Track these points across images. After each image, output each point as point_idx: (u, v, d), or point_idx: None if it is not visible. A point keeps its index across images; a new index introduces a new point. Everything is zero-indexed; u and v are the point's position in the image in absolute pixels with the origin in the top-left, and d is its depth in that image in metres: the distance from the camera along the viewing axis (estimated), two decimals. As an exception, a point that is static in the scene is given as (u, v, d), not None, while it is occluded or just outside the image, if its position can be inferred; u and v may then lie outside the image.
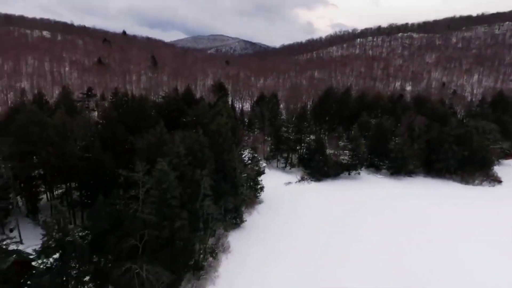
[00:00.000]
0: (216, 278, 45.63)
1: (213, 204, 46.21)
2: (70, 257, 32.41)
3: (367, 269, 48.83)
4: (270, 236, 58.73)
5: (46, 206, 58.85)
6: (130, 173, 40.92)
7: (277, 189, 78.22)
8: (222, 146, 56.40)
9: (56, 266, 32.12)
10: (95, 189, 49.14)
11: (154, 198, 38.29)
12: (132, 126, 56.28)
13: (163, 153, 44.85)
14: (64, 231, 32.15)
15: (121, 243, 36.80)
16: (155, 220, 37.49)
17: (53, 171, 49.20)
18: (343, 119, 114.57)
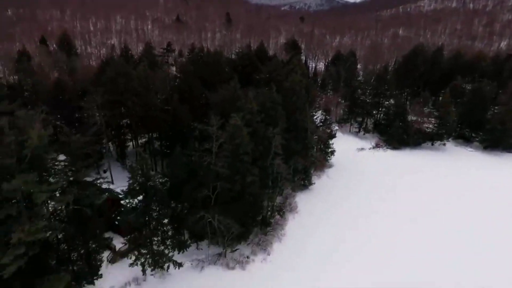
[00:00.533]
0: (283, 236, 46.10)
1: (283, 164, 45.39)
2: (152, 200, 35.04)
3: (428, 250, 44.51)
4: (338, 200, 56.77)
5: (132, 153, 64.99)
6: (205, 127, 41.77)
7: (348, 154, 74.34)
8: (295, 104, 54.15)
9: (140, 206, 35.15)
10: (173, 140, 51.94)
11: (227, 152, 38.72)
12: (207, 80, 57.01)
13: (236, 108, 44.61)
14: (146, 176, 34.54)
15: (195, 192, 38.63)
16: (228, 173, 38.15)
17: (137, 120, 53.04)
18: (431, 83, 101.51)
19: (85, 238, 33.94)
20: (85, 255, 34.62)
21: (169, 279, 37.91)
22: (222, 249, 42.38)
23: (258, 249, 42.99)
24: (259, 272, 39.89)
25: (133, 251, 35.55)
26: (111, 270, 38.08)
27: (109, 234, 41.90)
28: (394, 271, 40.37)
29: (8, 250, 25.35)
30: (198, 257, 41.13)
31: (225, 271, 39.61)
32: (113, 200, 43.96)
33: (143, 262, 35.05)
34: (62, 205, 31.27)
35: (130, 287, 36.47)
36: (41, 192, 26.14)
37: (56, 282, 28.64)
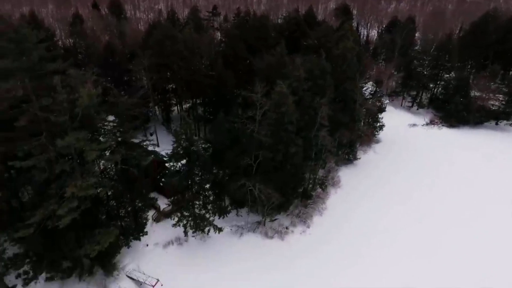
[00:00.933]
0: (323, 210, 44.91)
1: (328, 136, 43.15)
2: (194, 165, 35.23)
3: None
4: (384, 178, 53.70)
5: (177, 117, 66.09)
6: (249, 94, 40.43)
7: (398, 130, 69.36)
8: (345, 73, 50.50)
9: (183, 170, 35.56)
10: (216, 106, 51.50)
11: (271, 121, 37.32)
12: (253, 46, 54.87)
13: (282, 75, 42.44)
14: (190, 141, 34.52)
15: (237, 159, 38.18)
16: (271, 142, 36.99)
17: (182, 85, 53.05)
18: (502, 55, 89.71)
19: (132, 196, 35.40)
20: (132, 212, 36.31)
21: (209, 241, 38.87)
22: (261, 218, 42.35)
23: (297, 221, 42.36)
24: (297, 244, 39.49)
25: (176, 213, 36.59)
26: (155, 228, 39.82)
27: (154, 194, 43.51)
28: (442, 257, 37.87)
29: (63, 203, 26.90)
30: (238, 223, 41.54)
31: (263, 240, 39.70)
32: (158, 162, 45.22)
33: (185, 224, 36.01)
34: (111, 164, 32.42)
35: (172, 246, 37.98)
36: (92, 150, 26.98)
37: (106, 235, 30.33)
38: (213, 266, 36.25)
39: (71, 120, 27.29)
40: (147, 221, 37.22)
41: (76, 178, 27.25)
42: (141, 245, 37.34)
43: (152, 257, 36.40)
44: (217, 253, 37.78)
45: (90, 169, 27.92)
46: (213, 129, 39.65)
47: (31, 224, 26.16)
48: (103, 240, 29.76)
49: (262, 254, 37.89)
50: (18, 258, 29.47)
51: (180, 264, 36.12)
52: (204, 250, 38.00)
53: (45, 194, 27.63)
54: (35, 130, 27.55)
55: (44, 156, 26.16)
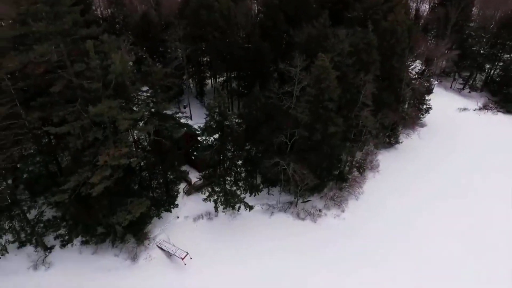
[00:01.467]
0: (360, 194, 42.44)
1: (370, 116, 39.89)
2: (227, 140, 33.93)
3: None
4: (428, 165, 49.76)
5: (210, 91, 65.01)
6: (287, 67, 37.92)
7: (447, 114, 63.71)
8: (393, 48, 46.07)
9: (215, 145, 34.44)
10: (252, 80, 49.41)
11: (309, 97, 34.80)
12: (292, 16, 51.34)
13: (324, 48, 39.24)
14: (223, 115, 33.08)
15: (271, 136, 36.39)
16: (308, 120, 34.70)
17: (217, 57, 51.20)
18: None
19: (164, 168, 35.05)
20: (164, 184, 36.12)
21: (239, 218, 38.15)
22: (293, 198, 40.84)
23: (331, 204, 40.39)
24: (330, 228, 37.75)
25: (207, 187, 35.93)
26: (186, 201, 39.66)
27: (186, 167, 43.15)
28: (493, 262, 34.56)
29: (96, 171, 26.80)
30: (269, 202, 40.36)
31: (295, 220, 38.33)
32: (191, 135, 44.60)
33: (215, 199, 35.32)
34: (144, 134, 31.90)
35: (202, 220, 37.70)
36: (124, 119, 26.34)
37: (138, 205, 30.28)
38: (242, 243, 35.64)
39: (105, 88, 26.66)
40: (178, 193, 37.00)
41: (109, 147, 26.92)
42: (172, 217, 37.38)
43: (182, 229, 36.38)
44: (246, 230, 37.04)
45: (123, 139, 27.47)
46: (247, 103, 37.89)
47: (65, 190, 26.42)
48: (135, 210, 29.72)
49: (292, 235, 36.63)
50: (55, 221, 30.36)
51: (209, 239, 35.85)
52: (233, 227, 37.40)
53: (80, 161, 27.70)
54: (70, 97, 27.33)
55: (78, 123, 25.91)
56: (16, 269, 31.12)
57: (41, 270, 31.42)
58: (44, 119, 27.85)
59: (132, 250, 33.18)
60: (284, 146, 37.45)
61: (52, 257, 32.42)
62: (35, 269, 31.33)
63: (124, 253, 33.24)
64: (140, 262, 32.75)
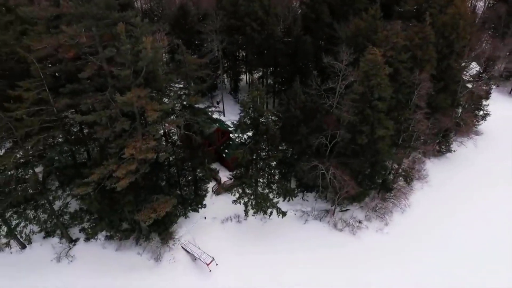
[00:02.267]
0: (406, 207, 37.94)
1: (424, 120, 35.36)
2: (261, 138, 31.06)
3: None
4: (483, 177, 44.02)
5: (245, 88, 62.67)
6: (332, 61, 34.44)
7: (506, 122, 56.68)
8: (453, 45, 40.92)
9: (249, 143, 31.71)
10: (290, 76, 46.28)
11: (356, 95, 31.08)
12: (337, 10, 47.45)
13: (373, 42, 35.27)
14: (259, 111, 30.27)
15: (310, 137, 33.09)
16: (353, 121, 31.03)
17: (254, 50, 48.47)
18: None
19: (194, 165, 32.87)
20: (193, 182, 34.03)
21: (270, 224, 35.27)
22: (330, 206, 37.31)
23: (373, 216, 36.36)
24: (371, 243, 33.80)
25: (238, 188, 33.32)
26: (214, 201, 37.42)
27: (216, 165, 41.04)
28: None
29: (121, 165, 25.03)
30: (303, 208, 37.12)
31: (331, 231, 34.78)
32: (223, 131, 42.34)
33: (246, 202, 32.68)
34: (174, 128, 29.88)
35: (231, 222, 35.26)
36: (154, 110, 24.29)
37: (164, 203, 28.31)
38: (272, 251, 32.76)
39: (135, 76, 24.81)
40: (206, 193, 34.77)
41: (137, 139, 25.03)
42: (199, 217, 35.27)
43: (209, 231, 34.15)
44: (277, 237, 34.10)
45: (151, 131, 25.49)
46: (285, 100, 34.76)
47: (89, 182, 24.88)
48: (160, 208, 27.75)
49: (328, 247, 33.17)
50: (80, 214, 29.18)
51: (237, 244, 33.30)
52: (263, 232, 34.60)
53: (106, 153, 26.12)
54: (100, 85, 25.79)
55: (106, 112, 24.22)
56: (40, 259, 30.37)
57: (64, 263, 30.44)
58: (73, 107, 26.50)
59: (156, 249, 31.38)
60: (323, 148, 34.02)
61: (75, 250, 31.38)
62: (58, 261, 30.41)
63: (148, 253, 31.53)
64: (163, 263, 30.87)
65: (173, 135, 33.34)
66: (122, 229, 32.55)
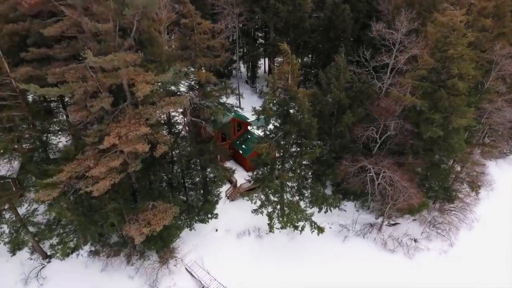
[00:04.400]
0: (474, 222, 29.50)
1: (506, 109, 26.89)
2: (293, 129, 23.20)
3: None
4: None
5: (263, 77, 55.15)
6: (384, 30, 26.42)
7: None
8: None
9: (275, 136, 23.97)
10: (323, 58, 38.14)
11: (421, 71, 22.95)
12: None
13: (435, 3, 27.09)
14: (290, 93, 22.50)
15: (358, 128, 25.12)
16: (417, 106, 22.93)
17: (278, 26, 40.43)
18: None
19: (203, 162, 25.30)
20: (201, 185, 26.43)
21: (299, 240, 27.45)
22: (375, 219, 29.29)
23: (432, 233, 28.09)
24: (435, 270, 25.53)
25: (259, 194, 25.61)
26: (228, 209, 29.90)
27: (231, 164, 33.62)
28: None
29: (101, 160, 17.72)
30: (341, 221, 29.15)
31: (380, 252, 26.72)
32: (239, 122, 34.79)
33: (270, 212, 24.97)
34: (176, 111, 22.36)
35: (249, 237, 27.67)
36: (145, 82, 16.88)
37: (162, 212, 20.92)
38: (303, 276, 25.01)
39: (121, 34, 17.52)
40: (219, 199, 27.16)
41: (122, 124, 17.67)
42: (209, 229, 27.80)
43: (222, 248, 26.64)
44: (309, 257, 26.30)
45: (143, 114, 18.08)
46: (324, 79, 26.58)
47: (56, 183, 17.66)
48: (157, 220, 20.37)
49: (377, 272, 25.14)
50: (51, 224, 21.99)
51: (257, 265, 25.63)
52: (291, 251, 26.84)
53: (83, 144, 18.88)
54: (78, 50, 18.52)
55: (79, 85, 16.92)
56: (2, 281, 23.40)
57: (32, 286, 23.39)
58: (39, 79, 19.30)
59: (152, 272, 23.98)
60: (372, 144, 26.03)
61: (49, 270, 24.37)
62: (26, 284, 23.38)
63: (142, 276, 24.20)
64: (160, 291, 23.51)
65: (177, 124, 25.81)
66: (110, 242, 25.42)
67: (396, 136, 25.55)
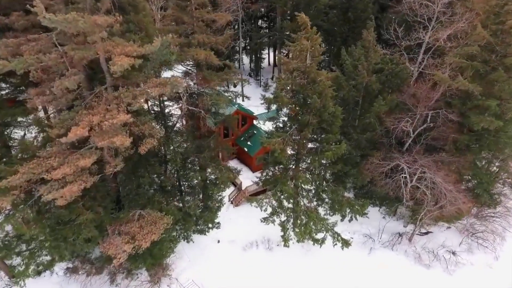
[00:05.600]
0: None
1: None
2: (312, 120, 18.92)
3: None
4: None
5: (269, 70, 51.04)
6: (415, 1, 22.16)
7: None
8: None
9: (288, 128, 19.70)
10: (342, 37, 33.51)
11: (475, 47, 18.60)
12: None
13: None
14: (309, 74, 18.28)
15: (390, 119, 20.80)
16: (472, 91, 18.62)
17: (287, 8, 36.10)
18: None
19: (202, 161, 21.04)
20: (200, 188, 22.11)
21: (315, 252, 23.20)
22: (403, 227, 25.05)
23: (473, 244, 23.80)
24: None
25: (270, 199, 21.32)
26: (232, 216, 25.66)
27: (235, 163, 29.41)
28: None
29: (69, 158, 13.51)
30: (364, 229, 24.85)
31: (413, 266, 22.43)
32: (244, 116, 30.51)
33: (283, 222, 20.69)
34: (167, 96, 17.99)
35: (257, 249, 23.44)
36: (124, 54, 12.65)
37: (150, 224, 16.76)
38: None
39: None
40: (221, 204, 22.86)
41: (95, 110, 13.42)
42: (210, 240, 23.55)
43: (225, 262, 22.41)
44: (328, 273, 22.01)
45: (123, 97, 13.82)
46: (348, 60, 22.13)
47: (8, 189, 13.43)
48: (143, 234, 16.18)
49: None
50: (10, 240, 17.69)
51: (268, 283, 21.38)
52: (307, 265, 22.58)
53: (45, 138, 14.63)
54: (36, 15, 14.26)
55: (38, 59, 12.68)
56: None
57: (-6, 314, 19.20)
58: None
59: (141, 294, 19.77)
60: (405, 136, 21.72)
61: (17, 292, 20.08)
62: (-14, 311, 19.20)
63: (127, 299, 19.97)
64: (150, 318, 19.28)
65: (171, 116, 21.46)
66: (91, 257, 21.23)
67: (433, 128, 21.29)
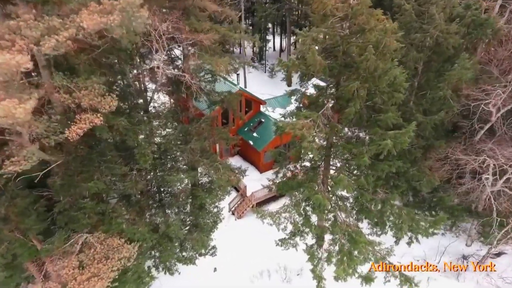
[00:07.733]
0: None
1: None
2: (357, 92, 12.21)
3: None
4: None
5: (273, 55, 44.60)
6: None
7: None
8: None
9: (322, 104, 13.05)
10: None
11: None
12: None
13: None
14: (356, 22, 11.60)
15: (470, 92, 14.07)
16: None
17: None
18: None
19: (188, 156, 14.13)
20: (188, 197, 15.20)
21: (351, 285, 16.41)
22: (466, 246, 18.46)
23: None
24: None
25: (291, 211, 14.52)
26: (234, 232, 18.94)
27: (237, 160, 22.69)
28: None
29: None
30: (415, 251, 18.06)
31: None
32: (248, 100, 23.73)
33: (312, 247, 13.90)
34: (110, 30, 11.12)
35: (269, 281, 16.71)
36: None
37: (95, 261, 10.35)
38: None
39: None
40: (219, 219, 16.03)
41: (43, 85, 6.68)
42: (202, 267, 16.75)
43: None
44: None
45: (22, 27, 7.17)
46: (407, 8, 15.00)
47: None
48: (85, 277, 9.50)
49: None
50: None
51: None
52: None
53: None
54: None
55: None
56: None
57: None
58: None
59: None
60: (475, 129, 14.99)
61: None
62: None
63: None
64: None
65: (145, 91, 14.64)
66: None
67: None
